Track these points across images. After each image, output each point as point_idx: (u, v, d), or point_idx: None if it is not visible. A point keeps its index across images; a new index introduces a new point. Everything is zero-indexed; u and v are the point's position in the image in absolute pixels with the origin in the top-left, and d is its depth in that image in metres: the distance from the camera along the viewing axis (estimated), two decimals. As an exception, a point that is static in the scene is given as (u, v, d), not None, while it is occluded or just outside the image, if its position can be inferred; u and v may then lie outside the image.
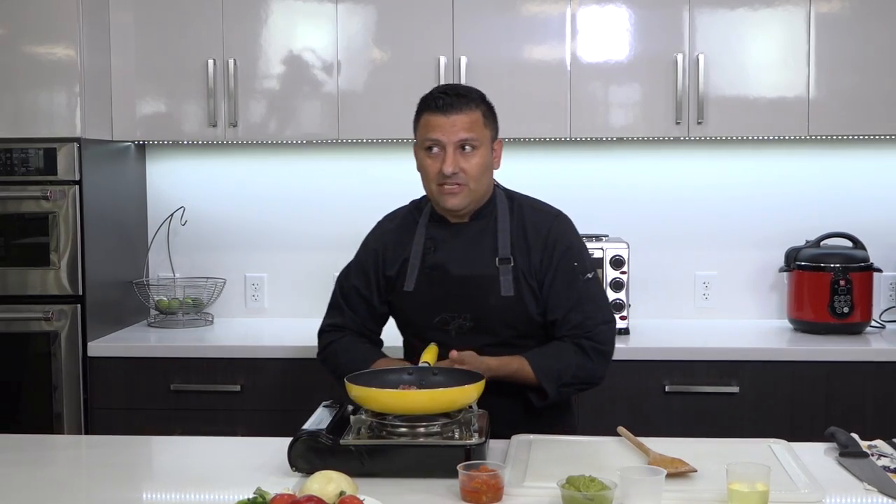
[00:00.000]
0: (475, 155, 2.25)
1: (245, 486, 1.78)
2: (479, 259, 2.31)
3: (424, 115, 2.28)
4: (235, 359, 3.29)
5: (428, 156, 2.27)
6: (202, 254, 3.85)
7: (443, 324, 2.31)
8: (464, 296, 2.30)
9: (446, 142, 2.23)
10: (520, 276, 2.29)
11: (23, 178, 3.28)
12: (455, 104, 2.24)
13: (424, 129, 2.27)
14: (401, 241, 2.39)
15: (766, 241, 3.70)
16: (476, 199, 2.31)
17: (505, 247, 2.31)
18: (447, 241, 2.34)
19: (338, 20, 3.45)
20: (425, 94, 2.32)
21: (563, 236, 2.35)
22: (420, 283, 2.33)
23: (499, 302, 2.28)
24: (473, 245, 2.33)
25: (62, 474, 2.10)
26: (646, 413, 3.16)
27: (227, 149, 3.81)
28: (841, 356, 3.17)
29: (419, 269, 2.33)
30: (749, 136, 3.45)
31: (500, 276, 2.29)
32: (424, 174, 2.30)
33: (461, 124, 2.23)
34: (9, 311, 3.29)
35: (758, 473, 1.73)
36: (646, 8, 3.40)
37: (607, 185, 3.75)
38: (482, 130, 2.27)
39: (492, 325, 2.29)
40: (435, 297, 2.31)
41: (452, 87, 2.33)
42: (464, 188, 2.26)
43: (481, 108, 2.28)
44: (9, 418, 3.28)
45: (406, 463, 1.92)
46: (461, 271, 2.31)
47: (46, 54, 3.29)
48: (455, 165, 2.23)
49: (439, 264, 2.32)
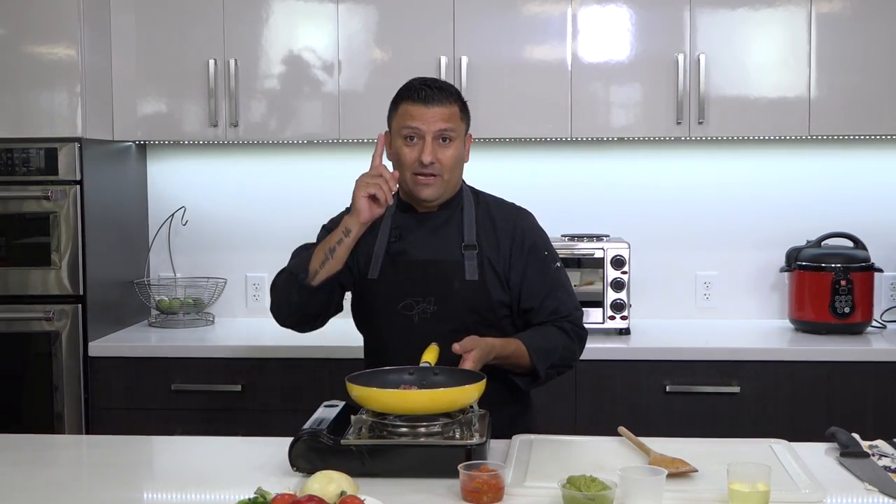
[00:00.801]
0: (451, 147, 2.32)
1: (246, 486, 1.78)
2: (445, 245, 2.36)
3: (404, 105, 2.32)
4: (236, 359, 3.29)
5: (406, 144, 2.32)
6: (203, 254, 3.85)
7: (406, 308, 2.33)
8: (428, 279, 2.33)
9: (426, 131, 2.29)
10: (485, 262, 2.34)
11: (24, 178, 3.28)
12: (436, 96, 2.30)
13: (404, 117, 2.32)
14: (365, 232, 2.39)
15: (767, 240, 3.70)
16: (448, 189, 2.37)
17: (471, 234, 2.36)
18: (413, 228, 2.39)
19: (339, 20, 3.45)
20: (404, 85, 2.37)
21: (531, 229, 2.44)
22: (384, 269, 2.36)
23: (463, 286, 2.32)
24: (439, 232, 2.38)
25: (63, 474, 2.10)
26: (646, 413, 3.16)
27: (228, 149, 3.81)
28: (842, 356, 3.17)
29: (383, 257, 2.37)
30: (750, 136, 3.45)
31: (464, 262, 2.34)
32: (400, 162, 2.34)
33: (440, 115, 2.29)
34: (10, 311, 3.30)
35: (758, 473, 1.73)
36: (647, 8, 3.40)
37: (608, 185, 3.75)
38: (458, 123, 2.33)
39: (455, 310, 2.32)
40: (399, 282, 2.34)
41: (432, 79, 2.38)
42: (438, 178, 2.31)
43: (458, 103, 2.35)
44: (10, 418, 3.28)
45: (407, 463, 1.92)
46: (426, 256, 2.35)
47: (47, 54, 3.29)
48: (433, 155, 2.28)
49: (404, 250, 2.37)
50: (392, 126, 2.36)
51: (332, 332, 2.74)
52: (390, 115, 2.37)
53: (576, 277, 3.35)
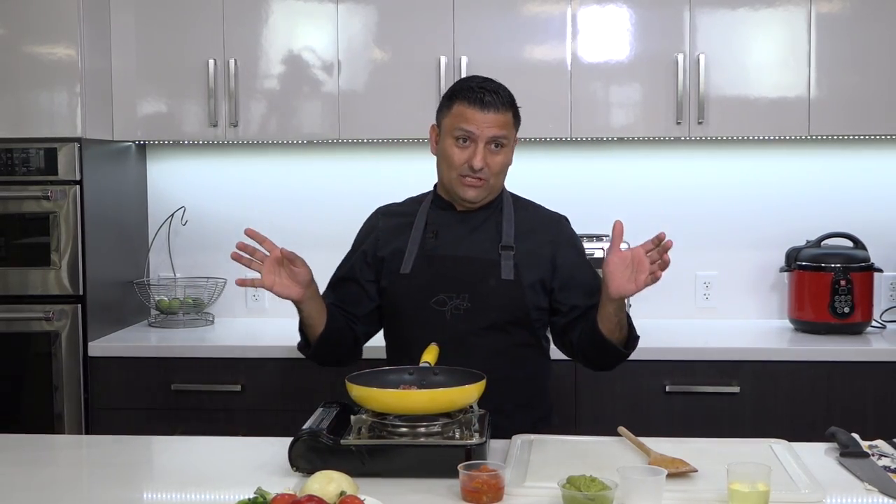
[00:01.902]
0: (501, 153, 2.32)
1: (246, 486, 1.78)
2: (482, 244, 2.36)
3: (459, 105, 2.31)
4: (236, 359, 3.29)
5: (456, 145, 2.31)
6: (203, 254, 3.85)
7: (439, 304, 2.33)
8: (463, 276, 2.33)
9: (479, 136, 2.28)
10: (521, 264, 2.34)
11: (23, 178, 3.28)
12: (493, 102, 2.29)
13: (458, 118, 2.30)
14: (397, 226, 2.43)
15: (767, 241, 3.70)
16: (492, 192, 2.38)
17: (509, 235, 2.36)
18: (451, 226, 2.39)
19: (338, 20, 3.45)
20: (460, 84, 2.36)
21: (574, 234, 2.50)
22: (418, 265, 2.36)
23: (498, 284, 2.32)
24: (477, 231, 2.38)
25: (62, 474, 2.10)
26: (646, 413, 3.16)
27: (228, 149, 3.81)
28: (841, 356, 3.17)
29: (417, 253, 2.36)
30: (750, 136, 3.45)
31: (501, 261, 2.33)
32: (448, 161, 2.33)
33: (495, 122, 2.29)
34: (9, 311, 3.30)
35: (758, 473, 1.73)
36: (646, 8, 3.40)
37: (608, 185, 3.75)
38: (511, 130, 2.34)
39: (488, 308, 2.32)
40: (433, 277, 2.34)
41: (489, 81, 2.36)
42: (485, 183, 2.32)
43: (512, 110, 2.34)
44: (9, 418, 3.28)
45: (407, 463, 1.92)
46: (462, 252, 2.35)
47: (47, 54, 3.29)
48: (484, 161, 2.29)
49: (440, 246, 2.37)
50: (443, 123, 2.35)
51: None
52: (442, 111, 2.36)
53: (576, 277, 3.35)
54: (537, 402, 2.41)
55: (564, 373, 3.11)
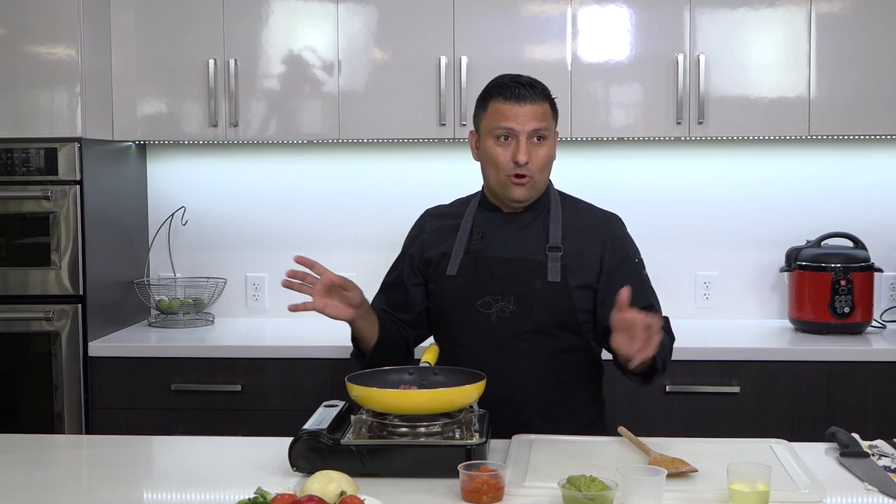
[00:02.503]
0: (544, 146, 2.29)
1: (246, 486, 1.79)
2: (528, 245, 2.33)
3: (495, 103, 2.29)
4: (236, 359, 3.29)
5: (498, 144, 2.28)
6: (203, 254, 3.85)
7: (484, 306, 2.30)
8: (509, 278, 2.30)
9: (519, 131, 2.25)
10: (569, 266, 2.30)
11: (23, 178, 3.28)
12: (528, 94, 2.26)
13: (496, 116, 2.28)
14: (444, 228, 2.42)
15: (767, 240, 3.70)
16: (537, 190, 2.34)
17: (556, 236, 2.32)
18: (497, 228, 2.36)
19: (338, 20, 3.45)
20: (492, 83, 2.34)
21: (624, 233, 2.43)
22: (464, 266, 2.33)
23: (545, 287, 2.28)
24: (524, 232, 2.35)
25: (62, 474, 2.10)
26: (646, 413, 3.16)
27: (228, 149, 3.81)
28: (842, 356, 3.17)
29: (463, 254, 2.34)
30: (750, 136, 3.45)
31: (548, 263, 2.30)
32: (493, 163, 2.30)
33: (534, 114, 2.26)
34: (9, 311, 3.29)
35: (758, 473, 1.73)
36: (646, 8, 3.40)
37: (608, 185, 3.75)
38: (550, 121, 2.31)
39: (534, 311, 2.28)
40: (479, 279, 2.31)
41: (521, 76, 2.33)
42: (530, 180, 2.29)
43: (548, 101, 2.31)
44: (9, 418, 3.28)
45: (407, 463, 1.92)
46: (508, 254, 2.32)
47: (47, 54, 3.29)
48: (528, 154, 2.25)
49: (486, 248, 2.34)
50: (481, 126, 2.32)
51: (332, 332, 2.74)
52: (478, 114, 2.34)
53: (576, 277, 3.35)
54: (586, 407, 2.37)
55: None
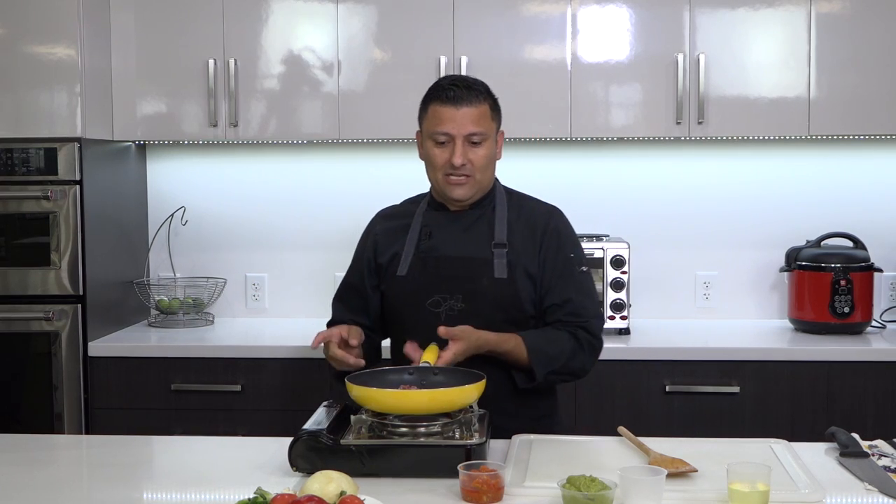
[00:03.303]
0: (482, 147, 2.31)
1: (245, 486, 1.79)
2: (475, 243, 2.36)
3: (433, 106, 2.31)
4: (236, 359, 3.29)
5: (436, 146, 2.31)
6: (203, 254, 3.85)
7: (434, 305, 2.33)
8: (457, 277, 2.33)
9: (456, 134, 2.28)
10: (515, 261, 2.33)
11: (23, 178, 3.28)
12: (465, 97, 2.28)
13: (434, 120, 2.31)
14: (395, 231, 2.43)
15: (767, 240, 3.70)
16: (481, 189, 2.37)
17: (501, 233, 2.35)
18: (444, 226, 2.39)
19: (338, 20, 3.45)
20: (434, 84, 2.35)
21: (562, 227, 2.43)
22: (413, 266, 2.36)
23: (491, 283, 2.31)
24: (470, 230, 2.38)
25: (62, 474, 2.10)
26: (646, 413, 3.16)
27: (228, 149, 3.81)
28: (841, 356, 3.17)
29: (413, 254, 2.37)
30: (750, 136, 3.45)
31: (494, 259, 2.33)
32: (431, 164, 2.34)
33: (470, 117, 2.28)
34: (9, 311, 3.29)
35: (758, 473, 1.73)
36: (646, 8, 3.40)
37: (608, 185, 3.75)
38: (489, 123, 2.32)
39: (483, 308, 2.31)
40: (428, 278, 2.34)
41: (461, 78, 2.36)
42: (470, 179, 2.31)
43: (488, 101, 2.33)
44: (9, 418, 3.28)
45: (406, 463, 1.92)
46: (455, 253, 2.35)
47: (47, 54, 3.29)
48: (464, 157, 2.28)
49: (433, 247, 2.37)
50: (422, 127, 2.36)
51: (331, 332, 2.74)
52: (420, 116, 2.36)
53: (576, 277, 3.35)
54: (539, 401, 2.40)
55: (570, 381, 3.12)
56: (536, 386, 2.30)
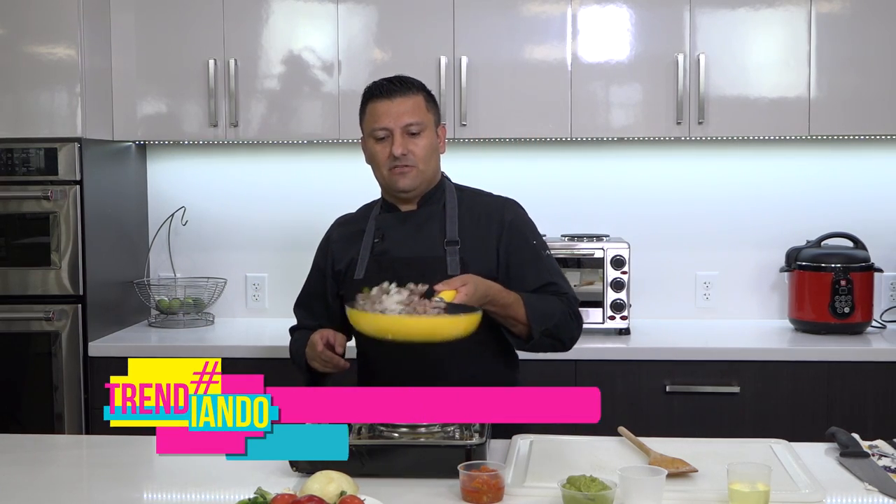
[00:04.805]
0: (422, 137, 2.34)
1: (245, 486, 1.79)
2: (427, 242, 2.37)
3: (370, 105, 2.36)
4: (236, 359, 3.28)
5: (377, 143, 2.35)
6: (203, 254, 3.85)
7: None
8: (411, 277, 2.29)
9: (393, 127, 2.31)
10: (469, 258, 2.33)
11: (24, 178, 3.28)
12: (398, 90, 2.33)
13: (371, 118, 2.35)
14: (351, 237, 2.45)
15: (767, 240, 3.70)
16: (425, 180, 2.38)
17: (453, 230, 2.36)
18: (396, 227, 2.40)
19: (338, 20, 3.45)
20: (367, 86, 2.40)
21: (518, 218, 2.43)
22: (370, 269, 2.37)
23: None
24: (421, 229, 2.39)
25: (63, 474, 2.11)
26: (646, 413, 3.16)
27: (228, 149, 3.81)
28: (842, 356, 3.17)
29: (368, 258, 2.38)
30: (750, 136, 3.45)
31: (447, 258, 2.33)
32: (375, 162, 2.37)
33: (405, 108, 2.32)
34: (9, 311, 3.29)
35: (758, 473, 1.73)
36: (646, 8, 3.40)
37: (608, 185, 3.75)
38: (425, 114, 2.35)
39: None
40: (384, 280, 2.31)
41: (394, 76, 2.40)
42: (413, 169, 2.33)
43: (422, 94, 2.37)
44: (10, 418, 3.28)
45: (406, 463, 1.92)
46: (408, 253, 2.36)
47: (47, 54, 3.29)
48: (404, 147, 2.31)
49: (387, 250, 2.38)
50: (364, 129, 2.40)
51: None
52: (360, 119, 2.41)
53: (575, 277, 3.35)
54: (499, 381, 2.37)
55: (565, 372, 3.12)
56: (531, 346, 2.29)
